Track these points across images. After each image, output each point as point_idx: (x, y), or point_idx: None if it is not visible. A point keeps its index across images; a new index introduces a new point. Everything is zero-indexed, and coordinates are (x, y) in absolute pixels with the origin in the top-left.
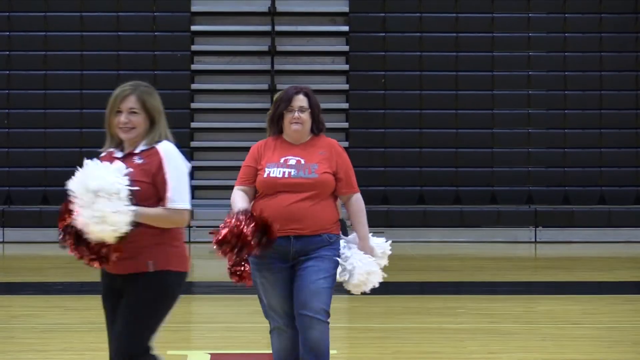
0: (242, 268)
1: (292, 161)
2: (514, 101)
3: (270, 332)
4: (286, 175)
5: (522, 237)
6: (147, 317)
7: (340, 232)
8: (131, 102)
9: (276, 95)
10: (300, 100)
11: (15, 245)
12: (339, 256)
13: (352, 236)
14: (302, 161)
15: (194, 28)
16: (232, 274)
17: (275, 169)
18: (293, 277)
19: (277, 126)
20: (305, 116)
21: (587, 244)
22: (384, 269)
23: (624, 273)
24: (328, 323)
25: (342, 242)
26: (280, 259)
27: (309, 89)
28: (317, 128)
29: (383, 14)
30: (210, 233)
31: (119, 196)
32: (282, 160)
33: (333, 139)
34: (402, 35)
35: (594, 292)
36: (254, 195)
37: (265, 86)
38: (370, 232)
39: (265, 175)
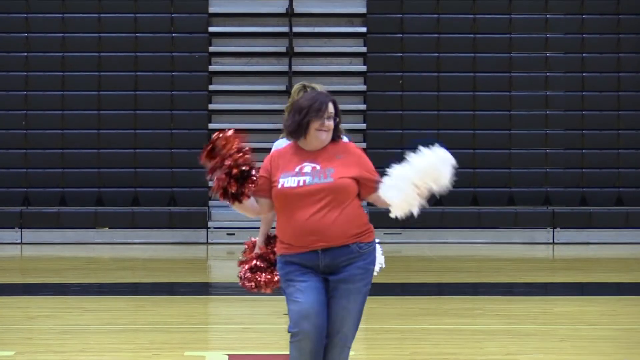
0: (258, 277)
1: (308, 168)
2: (531, 102)
3: (292, 342)
4: (301, 184)
5: (539, 238)
6: None
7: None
8: (331, 109)
9: (299, 102)
10: (330, 108)
11: (33, 247)
12: (373, 264)
13: None
14: (318, 167)
15: (211, 29)
16: (247, 279)
17: (290, 178)
18: (327, 289)
19: (303, 133)
20: (332, 124)
21: (604, 245)
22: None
23: None
24: (350, 347)
25: None
26: (313, 271)
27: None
28: (336, 135)
29: (400, 15)
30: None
31: None
32: (297, 169)
33: (350, 141)
34: (420, 37)
35: (612, 293)
36: (270, 206)
37: (282, 87)
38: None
39: (279, 186)
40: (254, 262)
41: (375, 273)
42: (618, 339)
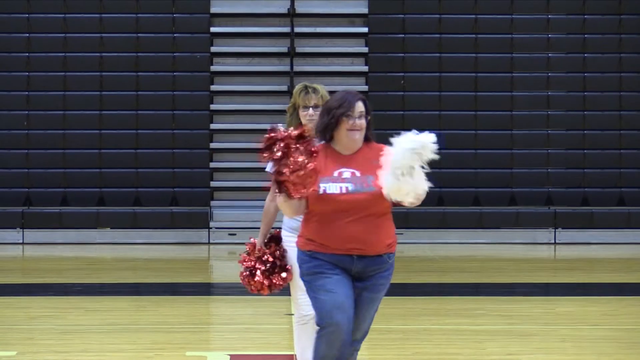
0: (258, 280)
1: (347, 174)
2: (533, 102)
3: (321, 335)
4: (344, 191)
5: (541, 238)
6: None
7: None
8: (361, 108)
9: (328, 102)
10: (360, 107)
11: (35, 247)
12: (392, 274)
13: None
14: (357, 173)
15: (213, 29)
16: (247, 282)
17: (331, 184)
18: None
19: (329, 134)
20: (364, 123)
21: (606, 246)
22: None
23: None
24: (358, 350)
25: None
26: (343, 271)
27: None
28: (368, 135)
29: (402, 16)
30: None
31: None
32: (336, 174)
33: (381, 144)
34: (422, 37)
35: (614, 293)
36: (299, 206)
37: (284, 87)
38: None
39: (321, 192)
40: (253, 264)
41: None
42: (620, 339)
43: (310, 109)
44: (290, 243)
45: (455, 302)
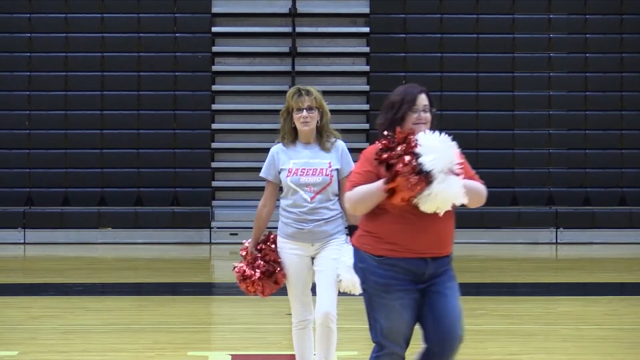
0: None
1: None
2: (534, 102)
3: (380, 356)
4: None
5: (542, 238)
6: None
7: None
8: (425, 100)
9: (390, 98)
10: (424, 100)
11: (36, 247)
12: None
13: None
14: None
15: (214, 29)
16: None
17: None
18: (423, 301)
19: (394, 130)
20: (429, 116)
21: (608, 245)
22: None
23: None
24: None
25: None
26: (413, 281)
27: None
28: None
29: (404, 15)
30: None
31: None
32: None
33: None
34: (423, 37)
35: (615, 293)
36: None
37: (286, 87)
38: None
39: None
40: (244, 270)
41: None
42: (621, 339)
43: (304, 110)
44: (286, 250)
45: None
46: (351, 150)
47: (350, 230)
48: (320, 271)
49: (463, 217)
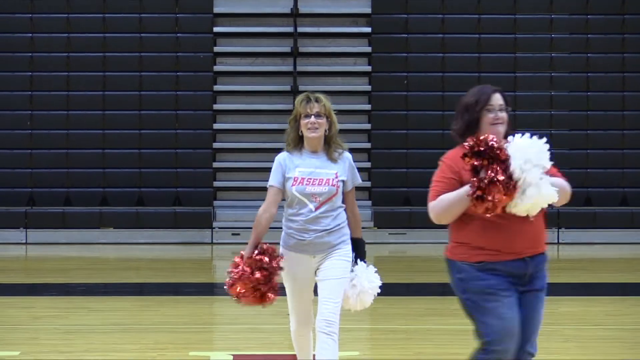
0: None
1: None
2: (536, 102)
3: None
4: None
5: None
6: None
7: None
8: (500, 100)
9: (463, 100)
10: (499, 99)
11: (38, 247)
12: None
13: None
14: None
15: (216, 29)
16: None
17: None
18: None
19: (472, 133)
20: (506, 116)
21: (609, 245)
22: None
23: None
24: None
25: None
26: (514, 283)
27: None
28: (511, 129)
29: (405, 16)
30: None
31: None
32: None
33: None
34: (425, 37)
35: (617, 293)
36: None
37: (287, 87)
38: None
39: None
40: (235, 286)
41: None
42: (623, 339)
43: (312, 116)
44: (287, 261)
45: (457, 303)
46: (353, 150)
47: (354, 243)
48: (324, 281)
49: None
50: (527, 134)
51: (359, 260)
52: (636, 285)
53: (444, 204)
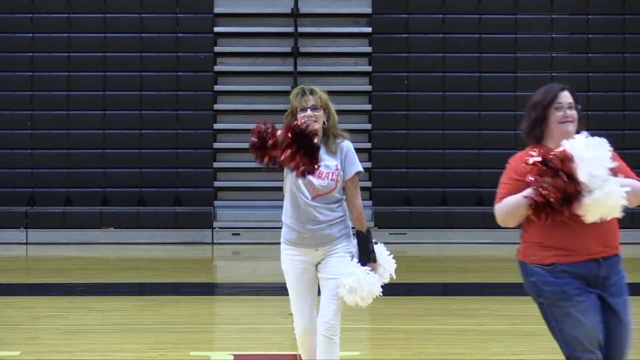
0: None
1: None
2: None
3: None
4: None
5: None
6: None
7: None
8: (569, 97)
9: (532, 99)
10: (567, 97)
11: (39, 247)
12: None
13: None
14: None
15: (216, 29)
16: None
17: None
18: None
19: (539, 131)
20: (575, 114)
21: None
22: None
23: None
24: None
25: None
26: (588, 285)
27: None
28: (581, 127)
29: (406, 16)
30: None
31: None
32: None
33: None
34: (425, 37)
35: None
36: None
37: (288, 87)
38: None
39: None
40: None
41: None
42: None
43: (309, 110)
44: (289, 257)
45: (459, 302)
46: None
47: (358, 237)
48: (326, 279)
49: (466, 218)
50: (584, 134)
51: (378, 247)
52: (637, 285)
53: (508, 207)
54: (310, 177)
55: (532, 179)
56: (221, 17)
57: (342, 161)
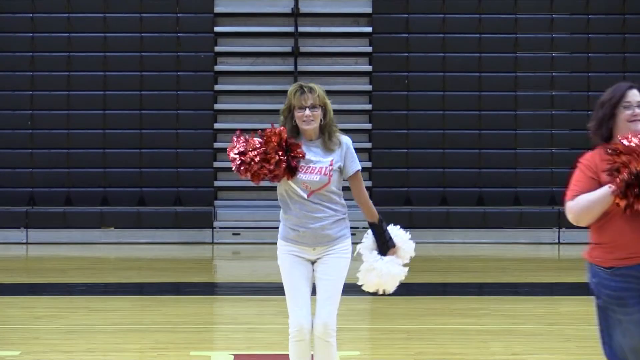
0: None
1: None
2: (537, 102)
3: None
4: None
5: (545, 238)
6: None
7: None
8: (637, 96)
9: (600, 98)
10: (636, 95)
11: (39, 247)
12: None
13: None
14: None
15: (217, 29)
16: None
17: None
18: None
19: (606, 130)
20: None
21: None
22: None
23: None
24: None
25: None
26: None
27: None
28: None
29: (406, 15)
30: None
31: None
32: None
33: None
34: (425, 37)
35: None
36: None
37: (288, 87)
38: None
39: None
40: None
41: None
42: None
43: (307, 109)
44: (285, 250)
45: (459, 302)
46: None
47: (372, 228)
48: (322, 279)
49: (466, 218)
50: None
51: (397, 229)
52: None
53: (583, 204)
54: (300, 176)
55: (614, 162)
56: (221, 17)
57: (343, 157)
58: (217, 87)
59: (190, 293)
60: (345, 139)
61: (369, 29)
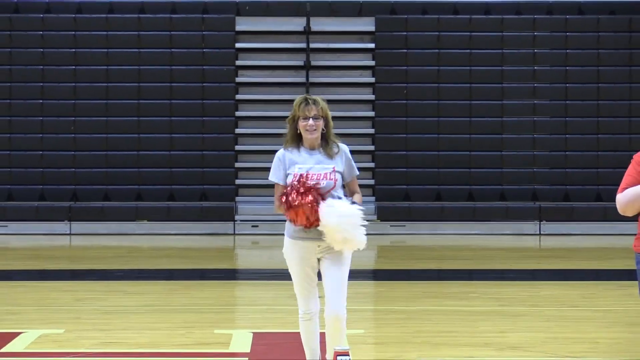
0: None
1: None
2: (521, 110)
3: None
4: None
5: (527, 230)
6: None
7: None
8: None
9: None
10: None
11: (81, 237)
12: None
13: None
14: None
15: (238, 45)
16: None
17: None
18: None
19: None
20: None
21: (585, 237)
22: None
23: (618, 262)
24: None
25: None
26: None
27: None
28: None
29: (405, 33)
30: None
31: None
32: None
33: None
34: (422, 52)
35: (592, 278)
36: None
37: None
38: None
39: None
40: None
41: None
42: (597, 319)
43: (310, 119)
44: (290, 246)
45: (452, 286)
46: (358, 152)
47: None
48: (329, 270)
49: (458, 212)
50: None
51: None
52: (608, 272)
53: (628, 196)
54: (309, 182)
55: None
56: (242, 34)
57: (344, 163)
58: (238, 97)
59: (214, 278)
60: (343, 146)
61: (372, 45)
